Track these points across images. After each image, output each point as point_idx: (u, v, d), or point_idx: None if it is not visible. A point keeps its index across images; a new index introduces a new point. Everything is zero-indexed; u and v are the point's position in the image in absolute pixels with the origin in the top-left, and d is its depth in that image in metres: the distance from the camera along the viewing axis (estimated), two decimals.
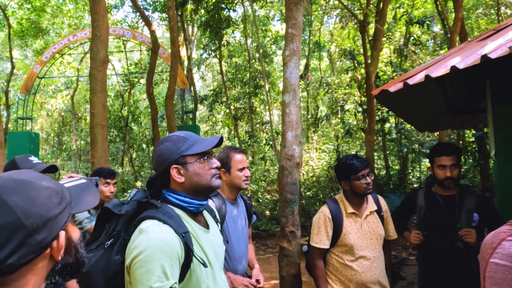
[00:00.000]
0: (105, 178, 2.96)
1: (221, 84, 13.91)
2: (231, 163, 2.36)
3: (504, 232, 0.81)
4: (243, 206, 2.57)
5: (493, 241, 0.82)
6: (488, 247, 0.83)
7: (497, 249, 0.79)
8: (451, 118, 5.13)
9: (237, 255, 2.34)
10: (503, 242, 0.79)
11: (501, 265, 0.76)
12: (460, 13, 6.56)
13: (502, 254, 0.77)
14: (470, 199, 2.46)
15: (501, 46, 2.14)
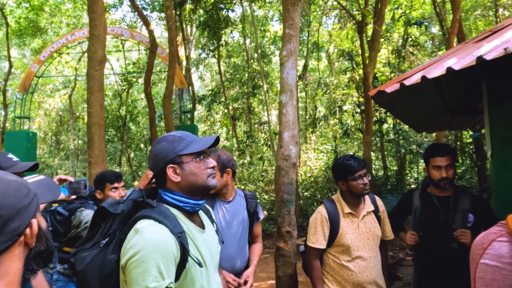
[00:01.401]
0: (111, 183, 2.76)
1: (220, 84, 13.91)
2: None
3: (494, 233, 0.81)
4: (243, 204, 2.46)
5: (483, 242, 0.83)
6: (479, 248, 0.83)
7: (487, 250, 0.79)
8: (448, 119, 5.15)
9: (225, 255, 2.18)
10: (493, 243, 0.79)
11: (491, 265, 0.76)
12: (458, 14, 6.58)
13: (492, 255, 0.77)
14: (465, 200, 2.46)
15: (497, 47, 2.15)
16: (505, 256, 0.75)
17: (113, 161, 15.83)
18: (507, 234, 0.79)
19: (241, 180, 11.82)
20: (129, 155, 15.18)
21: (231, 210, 2.38)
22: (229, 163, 2.34)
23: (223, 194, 2.38)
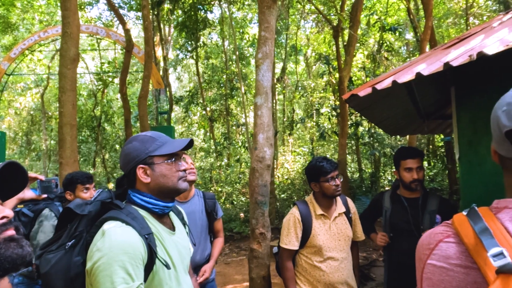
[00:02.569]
0: (83, 184, 2.75)
1: (197, 85, 13.82)
2: None
3: (440, 233, 0.81)
4: (202, 204, 2.69)
5: (430, 242, 0.82)
6: (425, 248, 0.82)
7: (435, 250, 0.79)
8: (420, 123, 5.30)
9: None
10: (440, 244, 0.79)
11: (438, 266, 0.76)
12: (430, 21, 6.79)
13: (440, 255, 0.77)
14: (433, 201, 2.54)
15: (463, 54, 2.23)
16: (452, 257, 0.75)
17: (87, 162, 15.47)
18: (454, 235, 0.78)
19: (218, 182, 11.78)
20: (103, 156, 14.85)
21: (188, 210, 2.51)
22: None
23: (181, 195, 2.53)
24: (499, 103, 0.78)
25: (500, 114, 0.75)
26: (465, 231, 0.75)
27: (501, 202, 0.79)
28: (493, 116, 0.79)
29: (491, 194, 2.95)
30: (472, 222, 0.75)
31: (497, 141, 0.79)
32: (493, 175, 2.92)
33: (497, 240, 0.69)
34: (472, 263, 0.71)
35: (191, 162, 2.62)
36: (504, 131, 0.73)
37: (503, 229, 0.72)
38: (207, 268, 2.59)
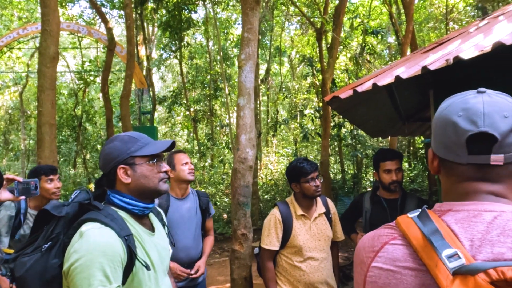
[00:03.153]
0: (46, 175, 2.77)
1: (181, 85, 13.74)
2: (174, 160, 2.71)
3: (385, 235, 0.79)
4: (196, 202, 2.83)
5: (374, 244, 0.79)
6: (368, 250, 0.79)
7: (380, 253, 0.76)
8: (400, 125, 5.40)
9: (181, 245, 2.63)
10: (386, 246, 0.76)
11: (385, 269, 0.74)
12: (410, 25, 6.93)
13: (386, 258, 0.74)
14: (411, 202, 2.59)
15: (440, 58, 2.29)
16: (400, 260, 0.73)
17: (67, 163, 15.15)
18: (400, 237, 0.76)
19: (201, 182, 11.72)
20: (84, 157, 14.58)
21: (185, 206, 2.73)
22: None
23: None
24: (450, 109, 0.78)
25: (457, 119, 0.75)
26: (412, 233, 0.73)
27: (444, 205, 0.78)
28: (443, 121, 0.79)
29: None
30: (420, 224, 0.73)
31: (447, 146, 0.78)
32: None
33: (447, 241, 0.68)
34: (421, 265, 0.70)
35: (190, 162, 2.77)
36: (468, 135, 0.73)
37: (450, 231, 0.71)
38: (201, 264, 2.72)
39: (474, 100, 0.76)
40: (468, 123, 0.73)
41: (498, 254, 0.66)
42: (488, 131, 0.71)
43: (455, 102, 0.79)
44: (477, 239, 0.69)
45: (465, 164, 0.76)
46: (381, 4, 12.14)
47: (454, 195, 0.80)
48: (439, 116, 0.80)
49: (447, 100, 0.83)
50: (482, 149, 0.74)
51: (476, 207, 0.74)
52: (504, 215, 0.71)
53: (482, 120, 0.72)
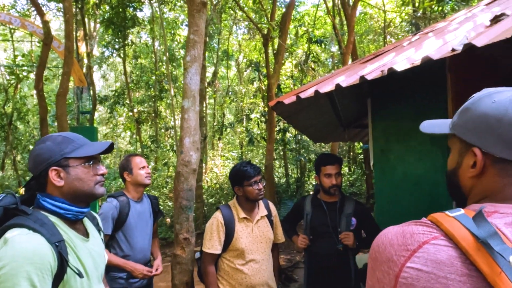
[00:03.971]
0: None
1: (124, 85, 13.24)
2: (131, 164, 2.74)
3: (422, 234, 0.71)
4: (149, 204, 2.91)
5: (407, 242, 0.71)
6: (400, 248, 0.71)
7: (418, 252, 0.68)
8: (341, 131, 5.64)
9: (139, 246, 2.72)
10: (425, 245, 0.69)
11: (425, 271, 0.66)
12: (352, 37, 7.28)
13: (427, 259, 0.67)
14: (349, 205, 2.71)
15: (376, 69, 2.42)
16: (445, 263, 0.66)
17: None
18: (444, 237, 0.69)
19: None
20: (14, 158, 13.49)
21: (141, 209, 2.79)
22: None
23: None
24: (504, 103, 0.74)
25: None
26: (460, 234, 0.67)
27: (487, 207, 0.73)
28: (504, 116, 0.74)
29: (400, 198, 3.23)
30: (471, 224, 0.67)
31: (506, 142, 0.74)
32: (402, 181, 3.21)
33: (508, 245, 0.62)
34: (472, 270, 0.64)
35: (147, 166, 2.82)
36: None
37: (503, 235, 0.66)
38: (159, 263, 2.81)
39: None
40: None
41: None
42: None
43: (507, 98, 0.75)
44: None
45: None
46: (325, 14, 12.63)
47: (503, 197, 0.75)
48: (507, 114, 0.74)
49: (494, 96, 0.78)
50: None
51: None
52: None
53: None
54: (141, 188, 2.80)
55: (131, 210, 2.69)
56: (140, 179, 2.74)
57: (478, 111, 0.78)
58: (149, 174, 2.81)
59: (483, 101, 0.78)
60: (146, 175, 2.77)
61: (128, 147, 15.22)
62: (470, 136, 0.79)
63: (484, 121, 0.76)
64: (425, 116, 1.23)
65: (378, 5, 15.27)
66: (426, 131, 0.94)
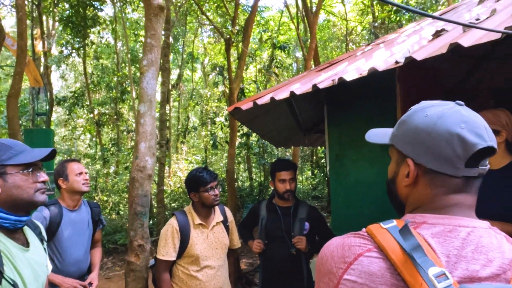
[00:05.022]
0: None
1: (84, 86, 12.81)
2: (67, 170, 2.58)
3: (358, 246, 0.73)
4: (88, 213, 2.74)
5: (345, 254, 0.74)
6: (339, 261, 0.74)
7: (353, 265, 0.71)
8: (301, 136, 5.75)
9: (72, 259, 2.55)
10: (360, 258, 0.71)
11: (360, 283, 0.69)
12: (313, 43, 7.45)
13: (361, 271, 0.70)
14: (303, 209, 2.78)
15: (328, 78, 2.51)
16: (377, 274, 0.69)
17: None
18: (376, 249, 0.72)
19: (103, 190, 11.02)
20: None
21: (77, 218, 2.63)
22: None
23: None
24: (447, 121, 0.76)
25: (461, 131, 0.73)
26: (390, 246, 0.70)
27: (417, 217, 0.76)
28: (445, 134, 0.75)
29: (353, 202, 3.33)
30: (399, 237, 0.70)
31: (446, 158, 0.75)
32: (355, 185, 3.32)
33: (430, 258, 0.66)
34: (399, 281, 0.67)
35: (86, 172, 2.67)
36: (477, 149, 0.72)
37: (428, 245, 0.69)
38: (94, 276, 2.67)
39: (466, 112, 0.76)
40: (475, 136, 0.73)
41: (473, 272, 0.67)
42: (493, 145, 0.73)
43: (448, 113, 0.77)
44: (453, 255, 0.68)
45: (459, 176, 0.76)
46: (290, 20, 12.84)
47: (432, 207, 0.78)
48: (435, 129, 0.76)
49: (427, 109, 0.81)
50: (477, 162, 0.75)
51: (451, 222, 0.73)
52: (476, 231, 0.72)
53: (487, 134, 0.73)
54: (77, 196, 2.64)
55: (64, 220, 2.53)
56: (77, 186, 2.58)
57: (412, 124, 0.81)
58: (87, 181, 2.66)
59: (417, 114, 0.81)
60: (83, 182, 2.61)
61: (88, 150, 14.71)
62: (405, 147, 0.82)
63: (416, 133, 0.79)
64: (376, 124, 1.28)
65: (340, 13, 15.73)
66: (370, 140, 0.97)
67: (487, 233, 0.72)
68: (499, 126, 1.91)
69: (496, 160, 1.97)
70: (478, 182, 0.78)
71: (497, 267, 0.68)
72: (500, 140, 1.93)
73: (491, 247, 0.70)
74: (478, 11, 2.51)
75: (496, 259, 0.69)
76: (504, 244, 0.72)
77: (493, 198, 1.89)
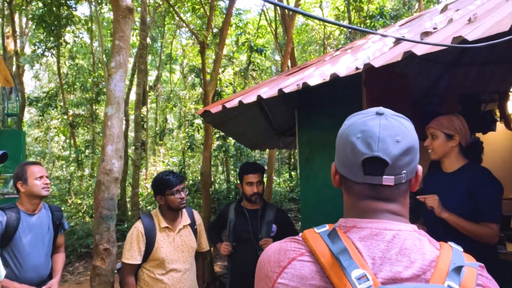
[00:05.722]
0: None
1: (58, 86, 12.52)
2: (26, 174, 2.52)
3: (292, 251, 0.77)
4: (49, 217, 2.68)
5: (280, 259, 0.77)
6: (274, 265, 0.77)
7: (287, 269, 0.74)
8: (276, 139, 5.79)
9: (31, 264, 2.49)
10: (293, 262, 0.74)
11: (291, 286, 0.72)
12: (289, 47, 7.52)
13: (293, 275, 0.73)
14: (270, 212, 2.81)
15: (294, 83, 2.55)
16: (307, 277, 0.72)
17: None
18: (308, 253, 0.75)
19: (77, 193, 10.79)
20: None
21: (37, 223, 2.57)
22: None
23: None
24: (350, 129, 0.79)
25: (356, 140, 0.77)
26: (320, 250, 0.73)
27: (348, 221, 0.79)
28: (344, 140, 0.80)
29: (322, 204, 3.39)
30: (328, 241, 0.73)
31: (346, 165, 0.80)
32: (324, 188, 3.37)
33: (354, 261, 0.69)
34: (328, 283, 0.70)
35: (47, 176, 2.63)
36: (363, 158, 0.75)
37: (356, 249, 0.72)
38: (54, 282, 2.61)
39: (372, 122, 0.78)
40: (364, 146, 0.75)
41: (396, 273, 0.69)
42: (380, 156, 0.74)
43: (356, 123, 0.80)
44: (378, 258, 0.71)
45: (361, 183, 0.78)
46: (268, 24, 12.93)
47: (357, 211, 0.80)
48: (341, 135, 0.82)
49: (350, 118, 0.85)
50: (376, 171, 0.76)
51: (378, 226, 0.75)
52: (401, 234, 0.74)
53: (377, 145, 0.75)
54: (37, 200, 2.58)
55: (21, 224, 2.47)
56: (36, 190, 2.52)
57: (339, 132, 0.86)
58: (48, 185, 2.59)
59: (343, 124, 0.85)
60: (43, 186, 2.55)
61: (61, 152, 14.37)
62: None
63: (336, 141, 0.85)
64: None
65: None
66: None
67: (411, 236, 0.75)
68: (453, 130, 2.00)
69: (451, 164, 2.05)
70: (395, 190, 0.78)
71: (418, 268, 0.71)
72: (453, 144, 2.01)
73: (413, 249, 0.73)
74: (438, 19, 2.60)
75: (418, 260, 0.72)
76: (425, 246, 0.74)
77: (446, 199, 1.97)
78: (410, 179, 0.80)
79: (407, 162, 0.77)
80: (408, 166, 0.77)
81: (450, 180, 2.01)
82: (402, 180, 0.77)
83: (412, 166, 0.79)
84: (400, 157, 0.75)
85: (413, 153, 0.78)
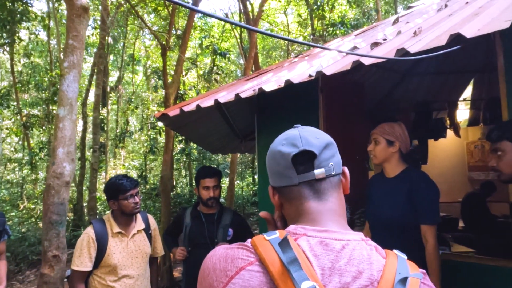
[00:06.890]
0: None
1: (11, 85, 11.91)
2: None
3: (241, 259, 0.73)
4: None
5: (227, 268, 0.73)
6: (221, 274, 0.73)
7: (234, 279, 0.70)
8: (238, 143, 5.81)
9: None
10: (242, 272, 0.71)
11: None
12: (252, 52, 7.58)
13: (241, 286, 0.70)
14: (227, 216, 2.81)
15: (251, 88, 2.58)
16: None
17: None
18: (258, 262, 0.71)
19: (30, 198, 10.28)
20: None
21: None
22: None
23: None
24: (274, 143, 0.87)
25: (281, 147, 0.83)
26: (270, 259, 0.70)
27: (298, 229, 0.77)
28: (272, 153, 0.86)
29: None
30: (279, 250, 0.71)
31: (279, 172, 0.83)
32: None
33: (305, 271, 0.67)
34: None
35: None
36: (292, 156, 0.80)
37: (306, 258, 0.71)
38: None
39: (291, 132, 0.86)
40: (290, 147, 0.81)
41: (344, 284, 0.69)
42: (306, 148, 0.79)
43: (277, 138, 0.88)
44: (327, 268, 0.70)
45: (298, 184, 0.81)
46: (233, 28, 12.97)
47: (303, 217, 0.81)
48: (269, 153, 0.87)
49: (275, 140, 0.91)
50: (306, 167, 0.80)
51: (328, 235, 0.75)
52: (350, 244, 0.74)
53: (301, 142, 0.80)
54: None
55: None
56: None
57: (267, 155, 0.90)
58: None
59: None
60: None
61: (13, 154, 13.65)
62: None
63: (266, 162, 0.90)
64: None
65: (283, 24, 16.18)
66: None
67: (359, 245, 0.76)
68: (393, 137, 2.10)
69: (392, 169, 2.15)
70: (328, 183, 0.82)
71: (366, 278, 0.71)
72: (393, 150, 2.11)
73: (361, 259, 0.73)
74: (389, 31, 2.73)
75: (366, 270, 0.72)
76: (373, 255, 0.75)
77: (387, 203, 2.06)
78: (339, 174, 0.85)
79: (331, 155, 0.83)
80: (332, 158, 0.83)
81: (391, 184, 2.11)
82: (332, 172, 0.82)
83: (335, 159, 0.84)
84: (323, 150, 0.82)
85: (333, 148, 0.85)
